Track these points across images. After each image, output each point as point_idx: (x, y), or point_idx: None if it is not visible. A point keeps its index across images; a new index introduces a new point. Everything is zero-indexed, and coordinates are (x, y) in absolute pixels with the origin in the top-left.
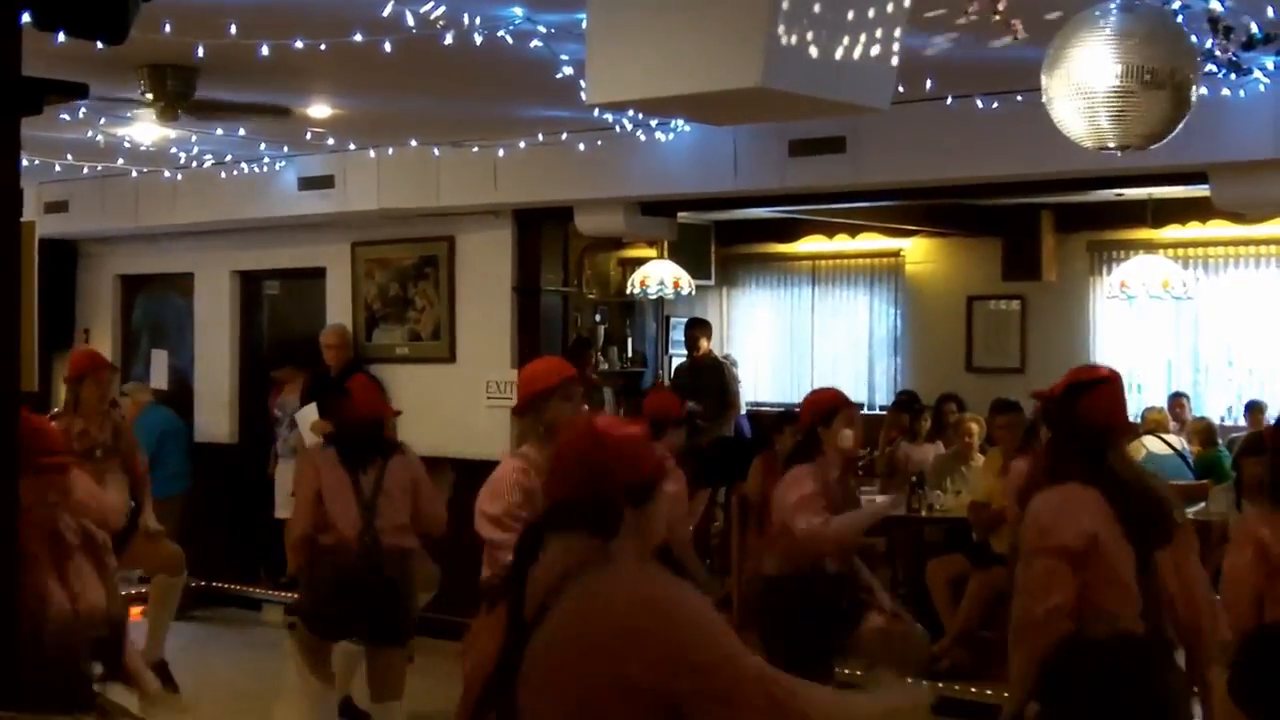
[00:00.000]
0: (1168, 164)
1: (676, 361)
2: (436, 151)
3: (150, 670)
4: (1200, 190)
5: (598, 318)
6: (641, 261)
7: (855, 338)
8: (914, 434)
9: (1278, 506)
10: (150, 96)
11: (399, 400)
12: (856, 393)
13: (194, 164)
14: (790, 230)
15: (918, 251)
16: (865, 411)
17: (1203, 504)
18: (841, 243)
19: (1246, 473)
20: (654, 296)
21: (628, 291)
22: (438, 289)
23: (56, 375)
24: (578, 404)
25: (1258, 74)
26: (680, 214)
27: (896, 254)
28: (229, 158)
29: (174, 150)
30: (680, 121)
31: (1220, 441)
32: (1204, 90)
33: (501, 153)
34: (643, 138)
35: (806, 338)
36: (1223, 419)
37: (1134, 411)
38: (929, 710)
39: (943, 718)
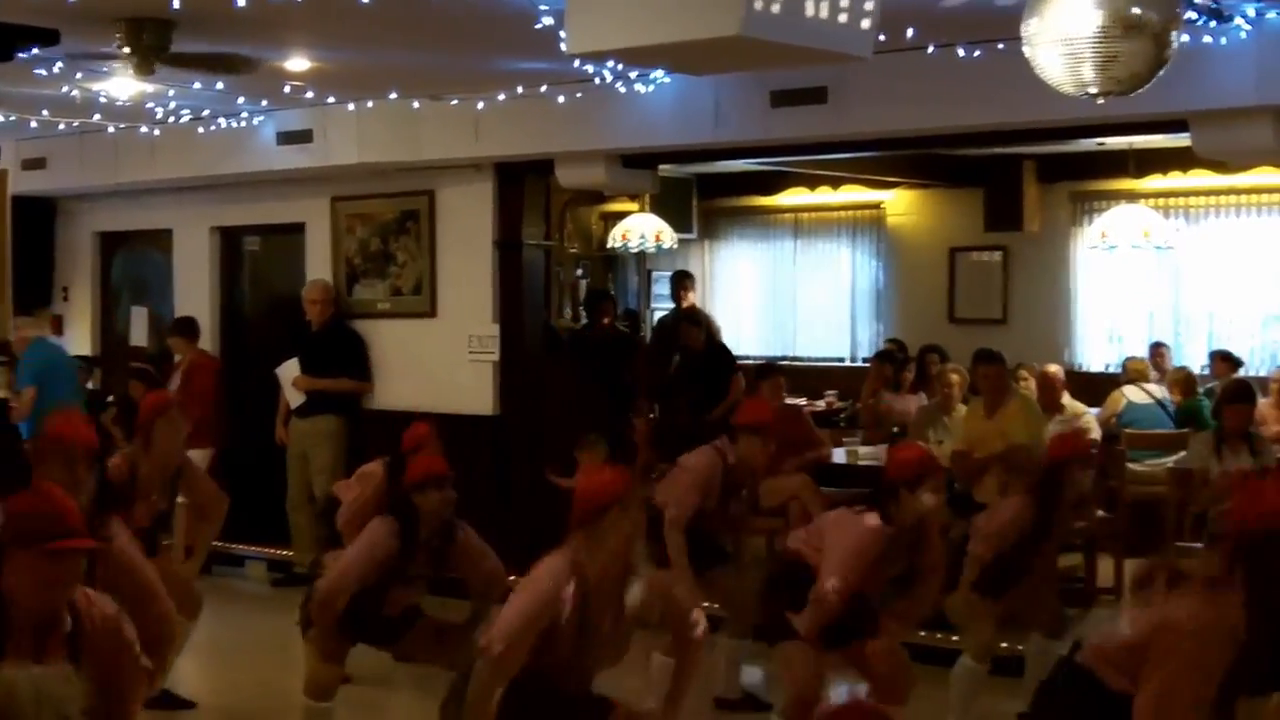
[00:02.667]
0: (1149, 112)
1: (658, 315)
2: (416, 105)
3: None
4: (1181, 139)
5: (579, 272)
6: (623, 215)
7: (837, 290)
8: (897, 385)
9: None
10: (127, 50)
11: (380, 356)
12: (839, 346)
13: (172, 119)
14: (772, 183)
15: (900, 203)
16: (848, 364)
17: (1182, 453)
18: (823, 195)
19: (1229, 420)
20: (636, 250)
21: (609, 245)
22: (419, 243)
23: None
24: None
25: (1239, 20)
26: (661, 166)
27: (878, 206)
28: (207, 113)
29: (151, 105)
30: (660, 73)
31: (1200, 390)
32: (1185, 37)
33: (481, 105)
34: (623, 90)
35: (789, 290)
36: (1203, 368)
37: (1115, 361)
38: None
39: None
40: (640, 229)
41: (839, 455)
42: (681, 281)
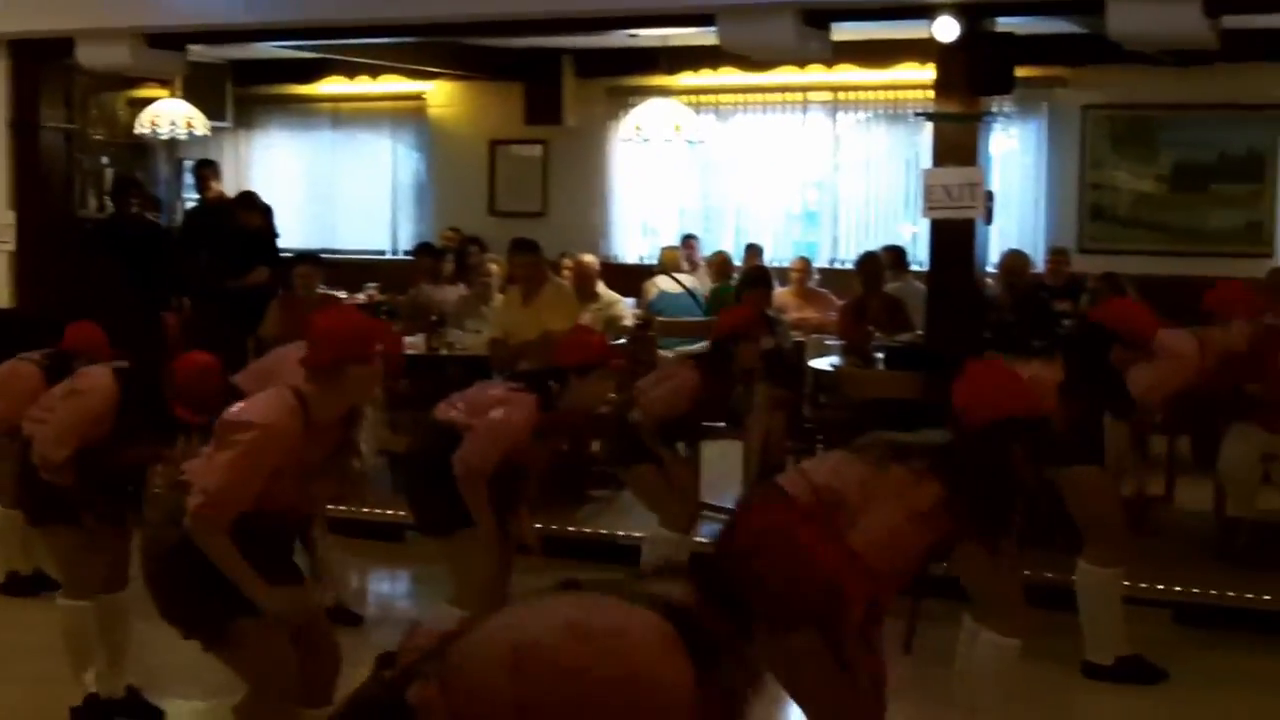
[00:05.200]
0: (678, 6)
1: (190, 205)
2: None
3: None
4: (710, 35)
5: (104, 159)
6: (153, 101)
7: (378, 181)
8: (436, 276)
9: None
10: None
11: None
12: (379, 239)
13: None
14: (310, 70)
15: (440, 95)
16: (389, 256)
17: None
18: (363, 85)
19: (749, 303)
20: (165, 137)
21: (137, 132)
22: None
23: None
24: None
25: None
26: (191, 49)
27: (419, 97)
28: None
29: None
30: None
31: (733, 279)
32: None
33: None
34: None
35: (328, 182)
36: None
37: (649, 253)
38: None
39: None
40: (170, 115)
41: None
42: (204, 170)
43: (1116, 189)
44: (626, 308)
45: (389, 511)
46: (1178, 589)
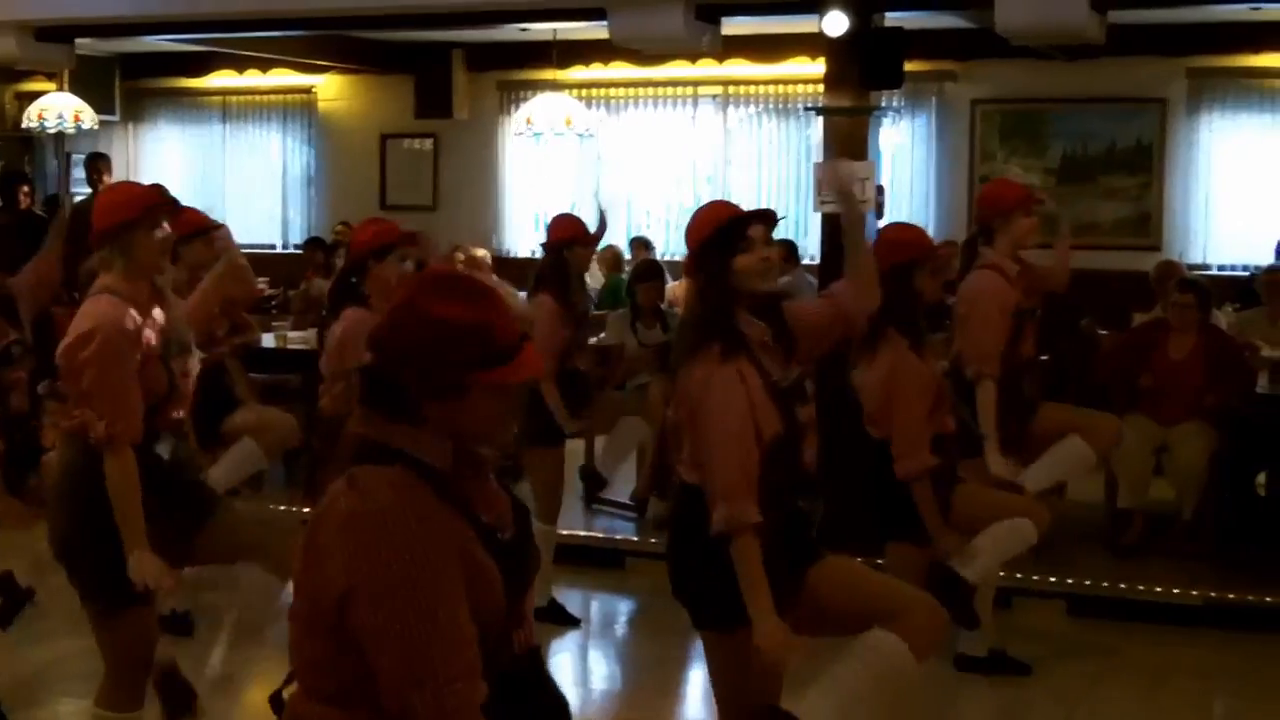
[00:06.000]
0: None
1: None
2: None
3: None
4: (600, 29)
5: None
6: (41, 94)
7: (268, 175)
8: (329, 270)
9: None
10: None
11: None
12: (269, 232)
13: None
14: (200, 64)
15: (330, 88)
16: (280, 250)
17: (603, 333)
18: (253, 78)
19: (641, 297)
20: (53, 131)
21: (24, 125)
22: None
23: None
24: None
25: None
26: (79, 41)
27: (309, 90)
28: None
29: None
30: None
31: (624, 273)
32: None
33: None
34: None
35: (218, 175)
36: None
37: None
38: None
39: None
40: (58, 108)
41: (268, 340)
42: (96, 164)
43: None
44: (519, 301)
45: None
46: (1070, 581)
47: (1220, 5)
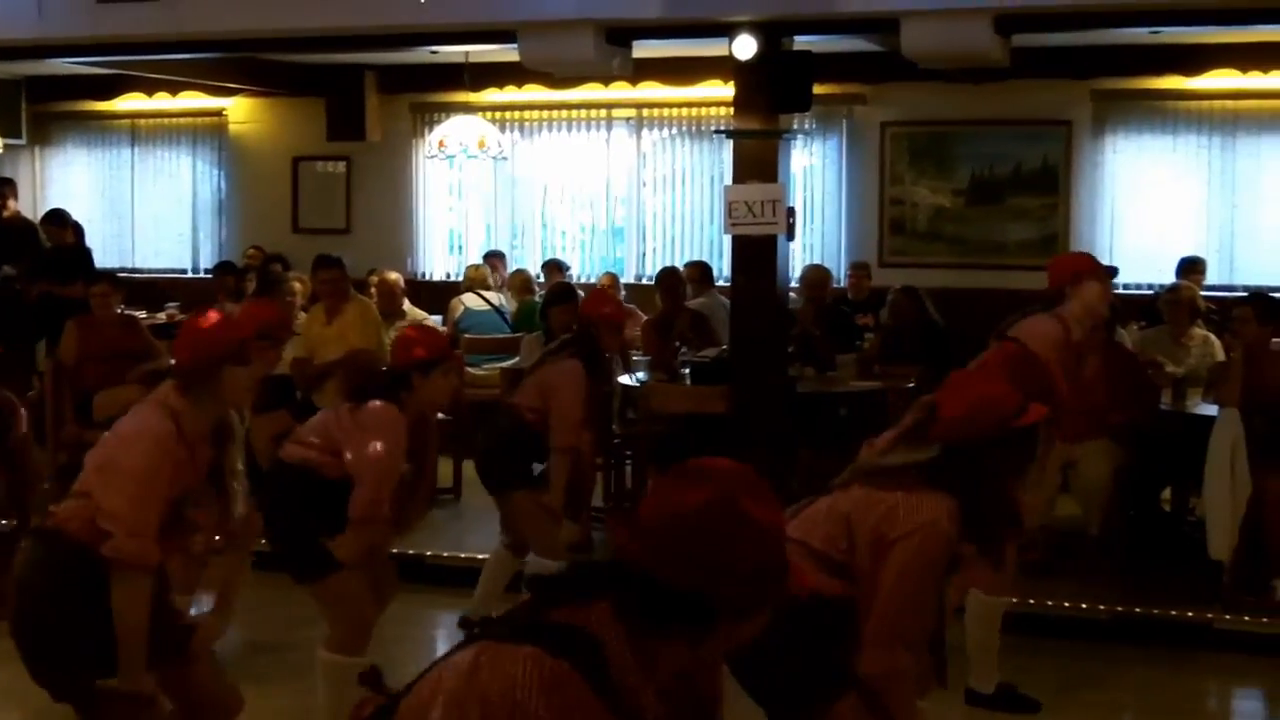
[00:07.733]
0: (478, 21)
1: None
2: None
3: None
4: (511, 52)
5: None
6: None
7: (178, 199)
8: (239, 295)
9: None
10: None
11: None
12: (179, 257)
13: None
14: (108, 87)
15: (241, 110)
16: (190, 275)
17: (517, 358)
18: (162, 101)
19: (554, 320)
20: None
21: None
22: None
23: None
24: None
25: None
26: None
27: (220, 113)
28: None
29: None
30: None
31: (537, 292)
32: None
33: None
34: None
35: (126, 200)
36: (537, 276)
37: (456, 269)
38: None
39: None
40: None
41: None
42: (1, 189)
43: (915, 204)
44: (433, 325)
45: None
46: None
47: (1121, 29)
